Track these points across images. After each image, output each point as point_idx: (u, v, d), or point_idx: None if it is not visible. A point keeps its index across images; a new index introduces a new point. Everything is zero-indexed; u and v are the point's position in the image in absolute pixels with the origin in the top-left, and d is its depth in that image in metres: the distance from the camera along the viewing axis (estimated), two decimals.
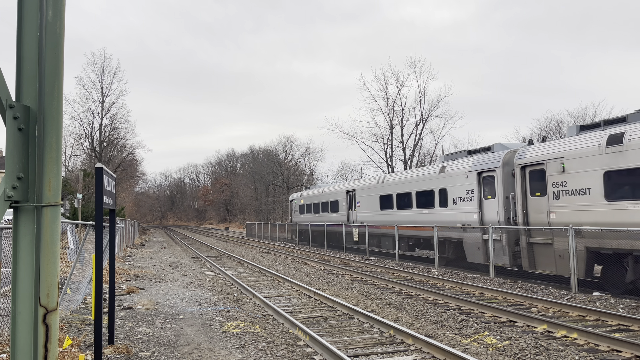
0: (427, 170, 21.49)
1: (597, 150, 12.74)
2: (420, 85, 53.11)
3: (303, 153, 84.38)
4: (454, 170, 19.09)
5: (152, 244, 40.68)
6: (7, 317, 7.36)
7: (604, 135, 12.71)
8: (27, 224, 2.57)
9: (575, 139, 13.85)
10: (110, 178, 6.99)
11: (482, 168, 17.37)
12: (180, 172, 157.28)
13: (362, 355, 7.50)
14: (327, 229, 30.60)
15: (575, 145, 13.56)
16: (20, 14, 2.61)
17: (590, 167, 12.93)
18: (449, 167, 19.53)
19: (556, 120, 48.08)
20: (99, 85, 49.51)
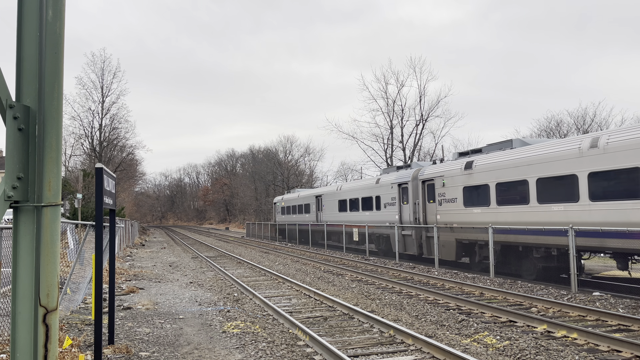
0: (368, 181, 27.17)
1: (460, 172, 18.20)
2: (420, 85, 53.17)
3: (303, 153, 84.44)
4: (384, 182, 24.47)
5: (152, 244, 40.68)
6: (7, 317, 7.36)
7: (464, 161, 18.19)
8: (27, 224, 2.57)
9: (451, 162, 19.40)
10: (110, 178, 6.99)
11: (400, 181, 22.80)
12: (180, 172, 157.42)
13: (362, 355, 7.50)
14: (298, 228, 36.14)
15: (449, 168, 19.11)
16: (20, 14, 2.61)
17: (457, 183, 18.38)
18: (381, 179, 24.94)
19: (556, 120, 48.10)
20: (99, 85, 49.54)
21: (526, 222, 14.97)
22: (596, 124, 44.32)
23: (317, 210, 34.11)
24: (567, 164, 13.71)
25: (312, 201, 35.30)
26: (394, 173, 24.41)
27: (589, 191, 13.06)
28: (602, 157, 12.68)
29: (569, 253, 12.89)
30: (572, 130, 45.84)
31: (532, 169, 14.93)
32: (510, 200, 15.84)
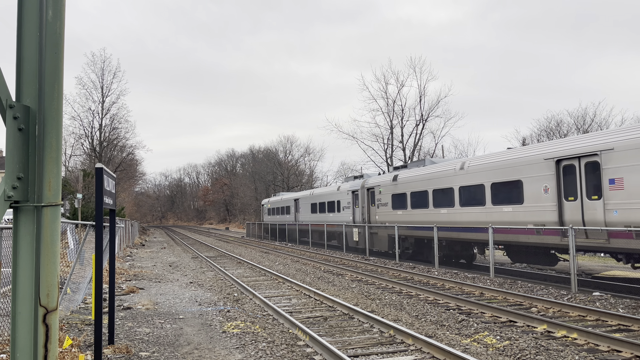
0: (333, 188, 32.90)
1: (390, 183, 23.71)
2: (420, 85, 53.19)
3: (303, 153, 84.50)
4: (342, 189, 29.98)
5: (152, 244, 40.67)
6: (7, 317, 7.36)
7: (393, 174, 23.96)
8: (27, 224, 2.57)
9: (387, 174, 25.47)
10: (110, 178, 6.99)
11: (353, 188, 28.29)
12: (180, 172, 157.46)
13: (362, 355, 7.50)
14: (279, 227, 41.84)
15: (384, 179, 24.64)
16: (20, 14, 2.61)
17: (388, 191, 23.85)
18: (341, 187, 30.60)
19: (556, 120, 48.11)
20: (99, 85, 49.55)
21: (427, 222, 20.25)
22: (596, 124, 44.35)
23: (295, 211, 39.09)
24: (448, 180, 19.13)
25: (291, 204, 40.28)
26: (350, 182, 29.80)
27: (460, 199, 18.36)
28: (465, 176, 18.07)
29: (569, 252, 12.90)
30: (572, 130, 45.86)
31: (430, 182, 20.34)
32: (419, 205, 21.19)
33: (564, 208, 14.15)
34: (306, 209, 36.19)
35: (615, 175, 12.58)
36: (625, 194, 12.37)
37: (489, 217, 16.75)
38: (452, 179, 18.67)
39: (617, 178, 12.56)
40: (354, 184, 28.25)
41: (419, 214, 20.99)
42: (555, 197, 14.36)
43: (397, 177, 22.98)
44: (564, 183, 14.20)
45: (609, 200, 12.74)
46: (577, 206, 13.72)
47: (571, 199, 13.97)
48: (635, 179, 12.11)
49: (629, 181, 12.27)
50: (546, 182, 14.65)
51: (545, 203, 14.68)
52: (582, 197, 13.60)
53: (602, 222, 12.92)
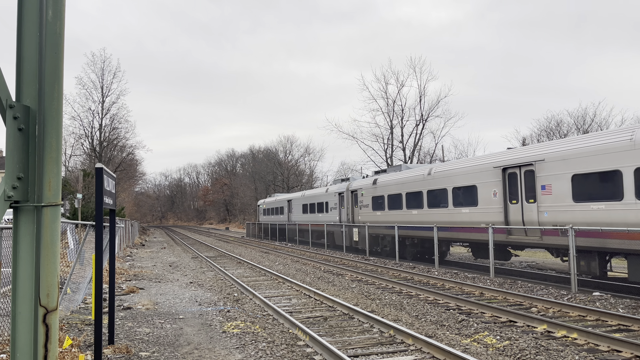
0: (322, 190, 34.81)
1: (370, 186, 25.72)
2: (420, 85, 53.26)
3: (303, 153, 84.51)
4: (330, 191, 32.21)
5: (152, 244, 40.68)
6: (7, 317, 7.36)
7: (373, 178, 25.96)
8: (27, 224, 2.57)
9: (368, 178, 27.34)
10: (110, 178, 6.99)
11: (339, 191, 30.29)
12: (180, 172, 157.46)
13: (362, 355, 7.50)
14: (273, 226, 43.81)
15: (366, 182, 26.80)
16: (20, 14, 2.61)
17: (369, 194, 25.84)
18: (329, 189, 32.85)
19: (556, 120, 48.12)
20: (99, 85, 49.54)
21: (401, 222, 22.18)
22: (596, 124, 44.38)
23: (288, 212, 41.16)
24: (419, 185, 21.26)
25: (285, 204, 42.38)
26: (337, 184, 32.24)
27: (427, 202, 20.57)
28: (432, 181, 20.27)
29: (569, 253, 12.90)
30: (572, 130, 45.88)
31: (404, 186, 22.49)
32: (395, 206, 23.24)
33: (509, 210, 16.20)
34: (298, 209, 38.40)
35: (546, 182, 14.63)
36: (553, 198, 14.38)
37: (451, 218, 18.90)
38: (422, 184, 21.04)
39: (547, 184, 14.61)
40: (340, 187, 30.45)
41: (395, 214, 23.27)
42: (501, 200, 16.44)
43: (377, 181, 25.24)
44: (508, 188, 16.22)
45: (541, 203, 14.76)
46: (519, 208, 15.73)
47: (514, 202, 15.99)
48: (560, 185, 14.10)
49: (555, 187, 14.30)
50: (495, 187, 16.74)
51: (494, 205, 16.78)
52: (522, 201, 15.59)
53: (537, 222, 14.82)
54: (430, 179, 20.33)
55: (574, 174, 13.68)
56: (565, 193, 13.96)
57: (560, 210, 14.05)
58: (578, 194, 13.62)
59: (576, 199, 13.66)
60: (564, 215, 13.94)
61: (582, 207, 13.45)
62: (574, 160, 13.70)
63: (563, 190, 14.03)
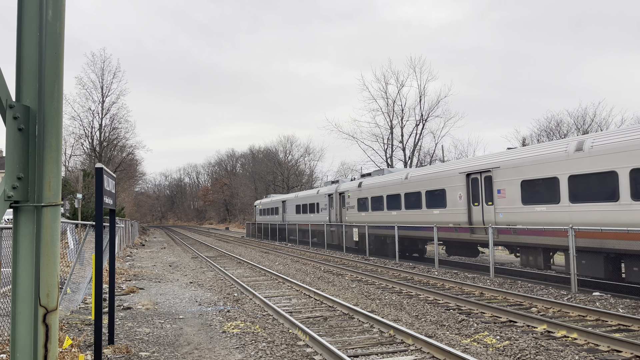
0: (313, 192, 36.58)
1: (356, 189, 27.62)
2: (420, 85, 53.22)
3: (303, 153, 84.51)
4: (321, 192, 33.81)
5: (152, 244, 40.68)
6: (7, 317, 7.36)
7: (358, 181, 27.93)
8: (27, 224, 2.57)
9: (355, 181, 28.97)
10: (110, 178, 6.99)
11: (329, 192, 32.12)
12: (180, 172, 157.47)
13: (362, 355, 7.50)
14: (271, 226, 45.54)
15: (352, 185, 28.63)
16: (20, 14, 2.61)
17: (355, 196, 27.72)
18: (320, 191, 34.41)
19: (556, 120, 48.11)
20: (99, 85, 49.53)
21: (386, 222, 23.68)
22: (596, 124, 44.37)
23: (283, 212, 42.94)
24: (397, 188, 23.13)
25: (279, 205, 44.19)
26: (327, 186, 33.88)
27: (405, 203, 22.32)
28: (408, 185, 22.15)
29: (569, 253, 12.90)
30: (572, 130, 45.88)
31: (385, 189, 24.19)
32: (377, 208, 25.01)
33: (472, 211, 17.94)
34: (292, 209, 40.39)
35: (501, 187, 16.40)
36: (506, 201, 16.14)
37: (424, 218, 21.01)
38: (400, 187, 22.97)
39: (502, 189, 16.36)
40: (330, 189, 32.38)
41: (377, 215, 25.13)
42: (466, 203, 18.20)
43: (361, 184, 27.22)
44: (472, 192, 17.96)
45: (497, 205, 16.57)
46: (480, 210, 17.55)
47: (476, 204, 17.72)
48: (511, 190, 15.87)
49: (508, 191, 16.04)
50: (460, 191, 18.50)
51: (460, 207, 18.54)
52: (483, 203, 17.36)
53: (494, 222, 16.57)
54: (407, 183, 22.37)
55: (523, 180, 15.44)
56: (516, 197, 15.71)
57: (512, 211, 15.91)
58: (526, 198, 15.37)
59: (524, 202, 15.39)
60: (514, 216, 15.77)
61: (528, 209, 15.19)
62: (523, 168, 15.44)
63: (514, 194, 15.81)
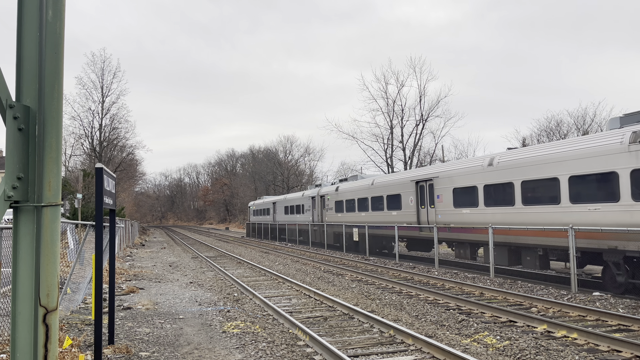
0: (299, 194, 39.62)
1: (334, 192, 30.78)
2: (420, 85, 53.21)
3: (303, 153, 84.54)
4: (305, 195, 37.02)
5: (152, 244, 40.68)
6: (7, 317, 7.36)
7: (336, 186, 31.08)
8: (27, 224, 2.57)
9: (333, 185, 32.33)
10: (110, 178, 6.99)
11: (312, 195, 35.22)
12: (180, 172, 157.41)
13: (362, 355, 7.50)
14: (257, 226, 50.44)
15: (330, 189, 31.77)
16: (20, 14, 2.61)
17: (333, 199, 30.85)
18: (305, 194, 37.51)
19: (556, 120, 48.10)
20: (99, 85, 49.53)
21: (358, 222, 26.76)
22: (596, 124, 44.33)
23: (273, 213, 46.11)
24: (365, 192, 26.42)
25: (270, 206, 47.36)
26: (312, 189, 36.99)
27: (371, 206, 25.70)
28: (374, 189, 25.46)
29: (570, 253, 12.90)
30: (572, 130, 45.86)
31: (356, 193, 27.69)
32: (350, 209, 28.42)
33: (420, 213, 21.39)
34: (281, 210, 43.69)
35: (439, 193, 19.78)
36: (443, 205, 19.51)
37: (386, 219, 24.02)
38: (367, 192, 26.31)
39: (440, 194, 19.73)
40: (313, 192, 35.53)
41: (350, 216, 28.35)
42: (415, 205, 21.66)
43: (338, 189, 30.49)
44: (419, 196, 21.34)
45: (437, 208, 19.93)
46: (425, 211, 20.85)
47: (423, 207, 21.06)
48: (446, 195, 19.31)
49: (444, 197, 19.46)
50: (411, 195, 21.92)
51: (411, 209, 21.94)
52: (427, 206, 20.71)
53: (435, 222, 19.86)
54: (373, 188, 25.64)
55: (454, 188, 18.79)
56: (450, 201, 19.08)
57: (447, 213, 19.25)
58: (456, 202, 18.70)
59: (455, 206, 18.76)
60: (449, 217, 19.10)
61: (457, 211, 18.61)
62: (454, 178, 18.84)
63: (448, 199, 19.17)
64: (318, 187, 36.44)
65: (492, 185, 16.57)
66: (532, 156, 15.18)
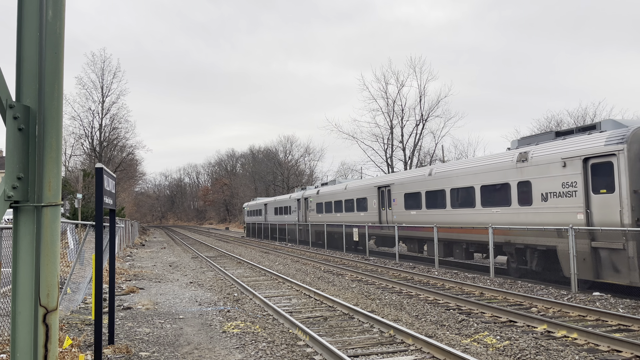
0: (287, 197, 43.28)
1: (316, 195, 33.99)
2: (420, 85, 53.24)
3: (303, 153, 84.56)
4: (292, 198, 40.48)
5: (152, 244, 40.67)
6: (7, 317, 7.36)
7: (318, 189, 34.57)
8: (27, 224, 2.57)
9: (315, 189, 35.43)
10: (110, 178, 6.99)
11: (298, 197, 38.39)
12: (180, 172, 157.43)
13: (362, 355, 7.50)
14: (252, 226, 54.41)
15: (312, 192, 35.19)
16: (20, 14, 2.61)
17: (315, 201, 34.09)
18: (291, 196, 41.03)
19: (556, 120, 48.08)
20: (99, 85, 49.56)
21: (334, 221, 30.24)
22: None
23: (265, 213, 49.57)
24: (339, 195, 30.21)
25: (262, 207, 50.86)
26: (298, 192, 40.27)
27: (345, 207, 29.33)
28: (346, 193, 29.32)
29: (569, 253, 12.90)
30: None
31: (333, 196, 31.25)
32: (328, 210, 31.81)
33: (381, 214, 24.95)
34: (272, 211, 47.06)
35: (395, 197, 23.38)
36: (398, 207, 23.11)
37: (355, 219, 27.71)
38: (341, 195, 29.95)
39: (395, 198, 23.33)
40: (299, 194, 38.62)
41: (328, 216, 31.91)
42: (377, 208, 25.24)
43: (319, 192, 34.00)
44: (381, 200, 24.93)
45: (393, 210, 23.54)
46: (385, 213, 24.49)
47: (383, 209, 24.70)
48: (399, 199, 22.93)
49: (398, 200, 23.08)
50: (375, 199, 25.52)
51: (375, 211, 25.56)
52: (386, 208, 24.29)
53: (392, 221, 23.37)
54: (346, 192, 29.42)
55: (405, 193, 22.43)
56: (402, 204, 22.64)
57: (400, 214, 22.89)
58: (406, 205, 22.29)
59: (406, 208, 22.38)
60: (401, 217, 22.72)
61: (407, 212, 22.25)
62: (405, 184, 22.51)
63: (401, 202, 22.77)
64: (303, 190, 39.66)
65: (431, 192, 20.31)
66: (457, 169, 18.87)
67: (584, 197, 13.14)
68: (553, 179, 14.08)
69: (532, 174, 14.83)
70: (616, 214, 12.28)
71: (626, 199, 12.06)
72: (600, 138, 12.90)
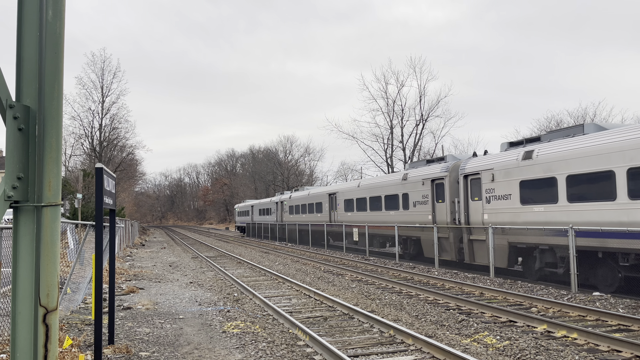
0: (268, 200, 49.36)
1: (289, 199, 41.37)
2: (420, 85, 53.26)
3: (303, 153, 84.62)
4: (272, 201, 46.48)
5: (152, 244, 40.68)
6: (7, 317, 7.36)
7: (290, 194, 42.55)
8: (27, 224, 2.57)
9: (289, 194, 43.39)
10: (110, 178, 6.99)
11: (276, 200, 44.60)
12: (180, 172, 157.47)
13: (362, 355, 7.50)
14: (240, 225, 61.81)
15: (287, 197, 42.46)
16: (20, 14, 2.61)
17: (288, 203, 41.48)
18: (272, 199, 47.12)
19: (556, 120, 48.10)
20: (99, 85, 49.57)
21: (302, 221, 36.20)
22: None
23: (252, 214, 55.61)
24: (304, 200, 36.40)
25: (249, 209, 57.21)
26: (277, 197, 46.29)
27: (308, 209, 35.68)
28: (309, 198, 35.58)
29: (569, 253, 12.91)
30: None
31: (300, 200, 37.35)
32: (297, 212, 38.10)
33: (331, 214, 31.25)
34: (257, 212, 52.90)
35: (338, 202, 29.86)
36: (340, 209, 29.35)
37: (314, 219, 33.93)
38: (306, 199, 36.19)
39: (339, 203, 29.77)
40: (277, 198, 44.90)
41: (297, 217, 37.65)
42: (328, 210, 31.67)
43: (291, 197, 40.15)
44: (330, 203, 31.47)
45: (337, 212, 30.14)
46: (334, 214, 30.65)
47: (333, 211, 30.95)
48: (341, 204, 29.52)
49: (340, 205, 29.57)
50: (327, 203, 31.99)
51: (326, 212, 31.92)
52: (335, 210, 30.58)
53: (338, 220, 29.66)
54: (309, 197, 35.64)
55: (344, 199, 29.08)
56: (342, 207, 29.20)
57: (341, 215, 29.34)
58: (346, 208, 28.72)
59: (345, 211, 28.79)
60: (342, 218, 29.16)
61: (346, 214, 28.66)
62: (345, 192, 29.27)
63: (342, 206, 29.33)
64: (281, 194, 46.75)
65: (360, 199, 27.18)
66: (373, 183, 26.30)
67: (432, 205, 20.15)
68: (419, 192, 21.11)
69: (409, 189, 21.90)
70: (445, 215, 19.22)
71: (448, 206, 18.96)
72: (441, 167, 19.68)
